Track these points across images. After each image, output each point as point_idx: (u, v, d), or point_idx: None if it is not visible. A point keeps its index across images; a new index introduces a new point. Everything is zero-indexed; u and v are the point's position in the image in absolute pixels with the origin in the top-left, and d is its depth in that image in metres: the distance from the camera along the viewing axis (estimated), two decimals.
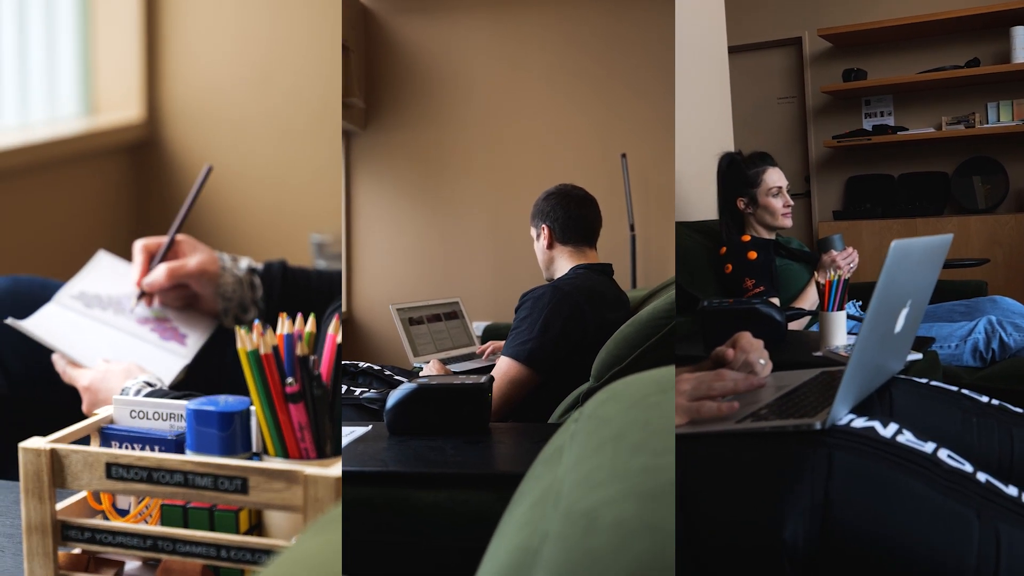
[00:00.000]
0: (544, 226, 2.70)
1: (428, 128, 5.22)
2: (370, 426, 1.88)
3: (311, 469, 1.09)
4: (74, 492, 1.23)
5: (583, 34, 5.06)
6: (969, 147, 5.70)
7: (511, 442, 1.82)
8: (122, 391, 1.58)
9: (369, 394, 2.40)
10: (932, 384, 1.54)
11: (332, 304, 1.85)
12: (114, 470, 1.13)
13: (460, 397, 1.82)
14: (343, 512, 1.08)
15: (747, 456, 1.17)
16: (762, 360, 1.56)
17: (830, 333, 2.30)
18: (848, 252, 3.02)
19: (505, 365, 2.38)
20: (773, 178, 3.10)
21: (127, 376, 1.63)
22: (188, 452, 1.18)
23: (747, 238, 3.09)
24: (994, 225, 5.39)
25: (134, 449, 1.23)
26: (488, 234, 5.19)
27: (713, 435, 1.22)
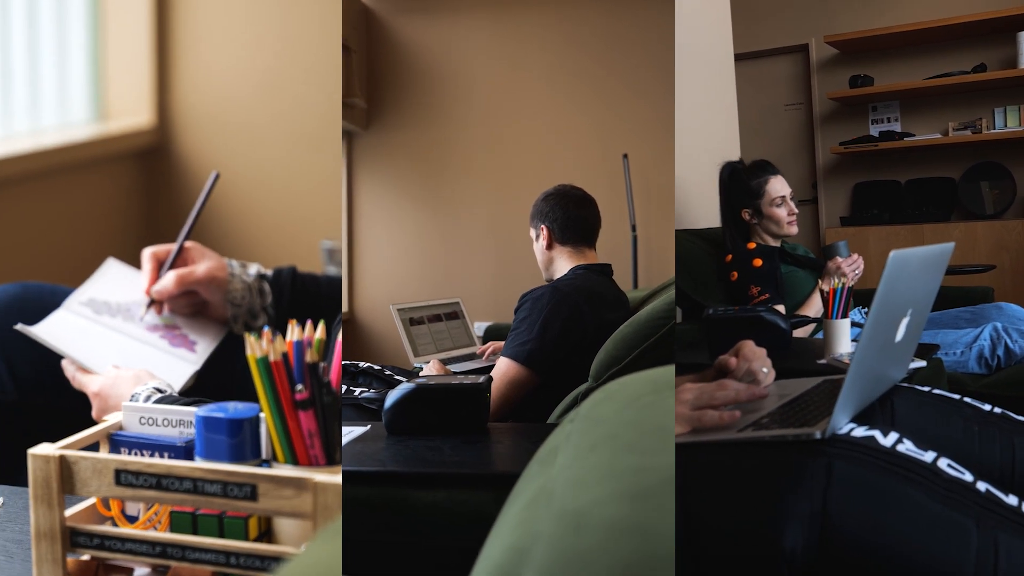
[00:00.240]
0: (543, 227, 2.71)
1: (429, 128, 5.23)
2: (369, 426, 1.88)
3: (320, 476, 1.09)
4: (83, 498, 1.23)
5: (583, 34, 5.06)
6: (976, 152, 5.70)
7: (509, 442, 1.83)
8: (132, 397, 1.57)
9: (368, 394, 2.40)
10: (934, 392, 1.55)
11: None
12: (123, 477, 1.14)
13: (458, 397, 1.82)
14: (342, 512, 1.09)
15: (747, 464, 1.18)
16: (765, 369, 1.57)
17: (834, 341, 2.31)
18: (853, 259, 3.02)
19: (504, 366, 2.38)
20: (776, 187, 3.10)
21: (137, 382, 1.63)
22: (197, 459, 1.18)
23: (752, 245, 3.09)
24: (1001, 231, 5.39)
25: (143, 456, 1.24)
26: (489, 234, 5.20)
27: (713, 443, 1.23)
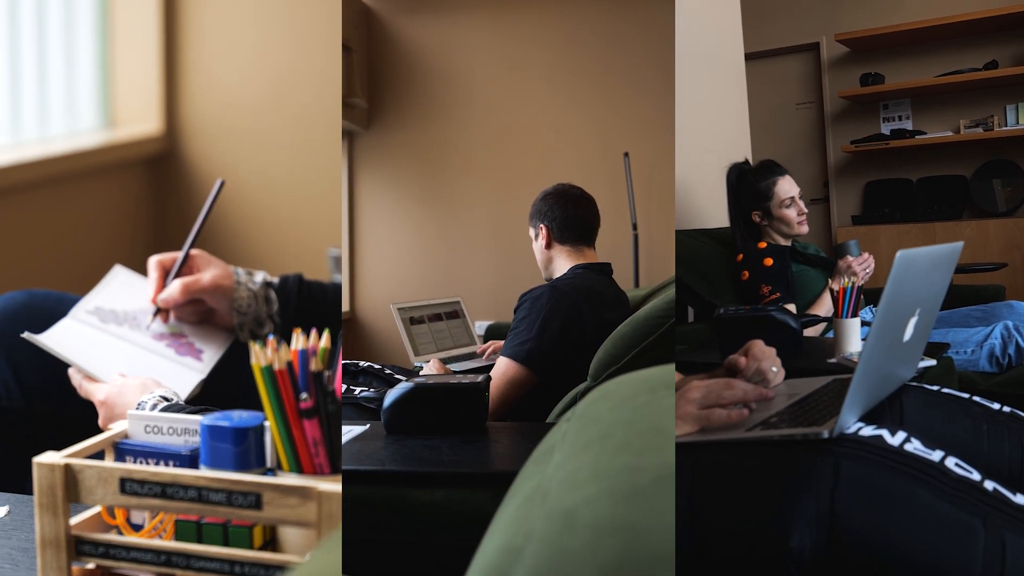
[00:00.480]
0: (542, 226, 2.70)
1: (430, 127, 5.24)
2: (367, 425, 1.88)
3: (325, 485, 1.09)
4: (88, 507, 1.23)
5: (584, 33, 5.06)
6: (988, 150, 5.67)
7: (507, 441, 1.82)
8: (138, 405, 1.58)
9: (367, 393, 2.40)
10: (943, 391, 1.54)
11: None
12: (128, 485, 1.14)
13: (457, 396, 1.82)
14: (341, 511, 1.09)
15: (754, 464, 1.17)
16: (774, 368, 1.57)
17: (844, 340, 2.30)
18: (864, 257, 3.00)
19: (504, 365, 2.38)
20: (785, 188, 3.09)
21: (143, 390, 1.63)
22: (202, 467, 1.18)
23: (763, 245, 3.08)
24: (1013, 228, 5.36)
25: (148, 464, 1.24)
26: (490, 233, 5.19)
27: (721, 443, 1.23)
